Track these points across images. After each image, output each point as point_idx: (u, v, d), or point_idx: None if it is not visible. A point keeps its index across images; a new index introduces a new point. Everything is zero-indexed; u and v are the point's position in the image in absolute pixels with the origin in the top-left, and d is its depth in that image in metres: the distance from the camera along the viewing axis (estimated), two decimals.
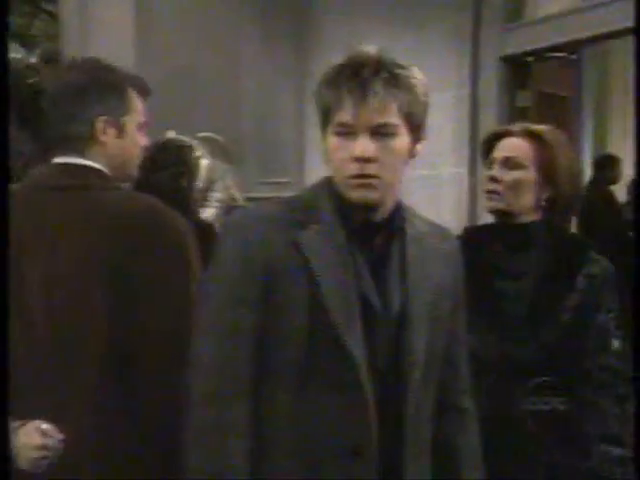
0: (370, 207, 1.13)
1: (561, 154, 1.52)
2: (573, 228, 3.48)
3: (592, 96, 5.54)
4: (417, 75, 1.12)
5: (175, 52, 4.60)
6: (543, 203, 1.51)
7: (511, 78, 3.94)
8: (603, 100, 5.98)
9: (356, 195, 1.10)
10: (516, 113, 3.96)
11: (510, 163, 1.50)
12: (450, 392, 1.22)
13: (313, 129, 5.02)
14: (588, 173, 4.89)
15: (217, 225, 2.75)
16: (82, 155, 1.37)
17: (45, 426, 1.26)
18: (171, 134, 4.45)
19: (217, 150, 4.27)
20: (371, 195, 1.10)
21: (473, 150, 3.95)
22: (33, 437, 1.25)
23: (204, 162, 4.60)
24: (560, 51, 4.09)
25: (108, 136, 1.38)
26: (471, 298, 1.34)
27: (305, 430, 1.07)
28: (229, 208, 4.88)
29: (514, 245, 1.51)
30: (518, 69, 3.96)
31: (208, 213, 4.57)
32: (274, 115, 5.06)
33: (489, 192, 1.52)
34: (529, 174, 1.50)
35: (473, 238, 1.55)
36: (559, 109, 4.22)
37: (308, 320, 1.06)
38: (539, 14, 4.00)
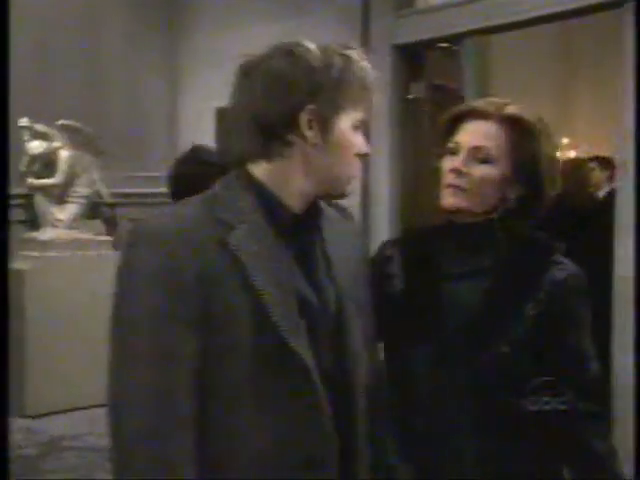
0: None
1: (543, 147, 1.31)
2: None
3: (474, 89, 5.03)
4: None
5: (25, 29, 4.04)
6: (511, 202, 1.32)
7: (404, 68, 3.81)
8: (484, 94, 5.37)
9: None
10: (408, 105, 3.82)
11: (480, 154, 1.30)
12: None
13: (187, 119, 5.45)
14: None
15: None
16: None
17: None
18: (23, 121, 3.97)
19: (81, 140, 3.97)
20: None
21: None
22: None
23: (64, 153, 4.00)
24: (448, 41, 3.89)
25: None
26: (413, 304, 1.31)
27: (259, 445, 1.03)
28: (94, 205, 4.32)
29: (465, 245, 1.34)
30: (411, 59, 3.83)
31: (70, 210, 4.20)
32: (144, 105, 4.67)
33: (451, 186, 1.31)
34: (498, 170, 1.30)
35: (416, 240, 1.42)
36: (450, 101, 4.01)
37: (252, 330, 1.02)
38: (431, 2, 3.85)
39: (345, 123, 1.09)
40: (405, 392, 1.33)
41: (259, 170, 1.10)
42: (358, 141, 1.11)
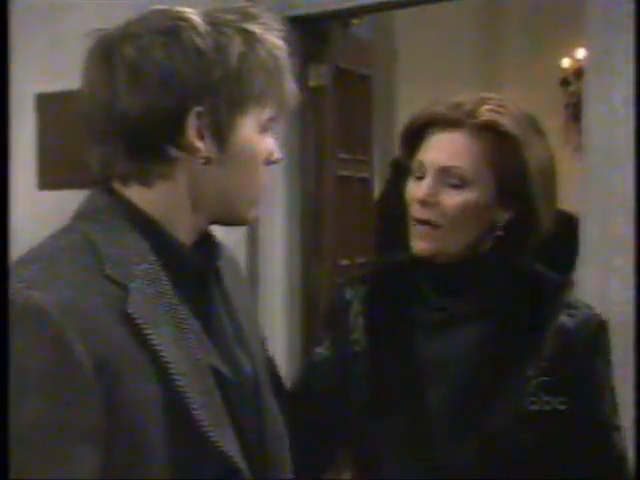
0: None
1: (533, 155, 1.18)
2: None
3: (383, 74, 4.98)
4: None
5: None
6: (498, 231, 1.21)
7: (302, 47, 3.40)
8: (390, 80, 5.39)
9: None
10: (309, 94, 3.46)
11: (451, 177, 1.18)
12: None
13: None
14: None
15: None
16: None
17: None
18: None
19: None
20: None
21: None
22: None
23: None
24: (355, 15, 3.64)
25: None
26: (378, 367, 1.19)
27: None
28: None
29: (447, 288, 1.22)
30: (310, 36, 3.45)
31: None
32: None
33: (420, 223, 1.19)
34: (477, 195, 1.18)
35: (383, 279, 1.30)
36: (361, 91, 3.69)
37: (167, 428, 0.91)
38: None
39: (248, 126, 0.96)
40: None
41: (136, 196, 0.95)
42: (267, 146, 0.99)
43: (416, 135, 1.23)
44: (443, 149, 1.19)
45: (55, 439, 0.86)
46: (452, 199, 1.18)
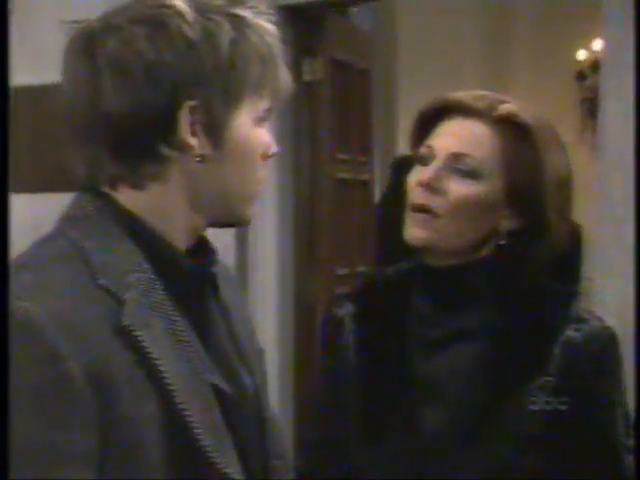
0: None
1: (549, 161, 1.18)
2: None
3: (384, 68, 4.95)
4: None
5: None
6: (504, 237, 1.20)
7: (295, 38, 3.40)
8: (391, 74, 5.38)
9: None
10: (303, 89, 3.45)
11: (462, 164, 1.18)
12: None
13: None
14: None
15: None
16: None
17: None
18: None
19: None
20: None
21: None
22: None
23: None
24: (354, 3, 3.63)
25: None
26: (372, 388, 1.20)
27: None
28: None
29: (443, 299, 1.22)
30: (304, 26, 3.43)
31: None
32: None
33: (417, 209, 1.18)
34: (487, 189, 1.17)
35: (375, 292, 1.29)
36: (360, 86, 3.65)
37: (166, 451, 0.92)
38: None
39: (244, 118, 0.96)
40: None
41: (127, 199, 0.95)
42: (263, 140, 0.99)
43: (429, 121, 1.23)
44: (458, 135, 1.19)
45: (47, 461, 0.86)
46: (458, 188, 1.17)
